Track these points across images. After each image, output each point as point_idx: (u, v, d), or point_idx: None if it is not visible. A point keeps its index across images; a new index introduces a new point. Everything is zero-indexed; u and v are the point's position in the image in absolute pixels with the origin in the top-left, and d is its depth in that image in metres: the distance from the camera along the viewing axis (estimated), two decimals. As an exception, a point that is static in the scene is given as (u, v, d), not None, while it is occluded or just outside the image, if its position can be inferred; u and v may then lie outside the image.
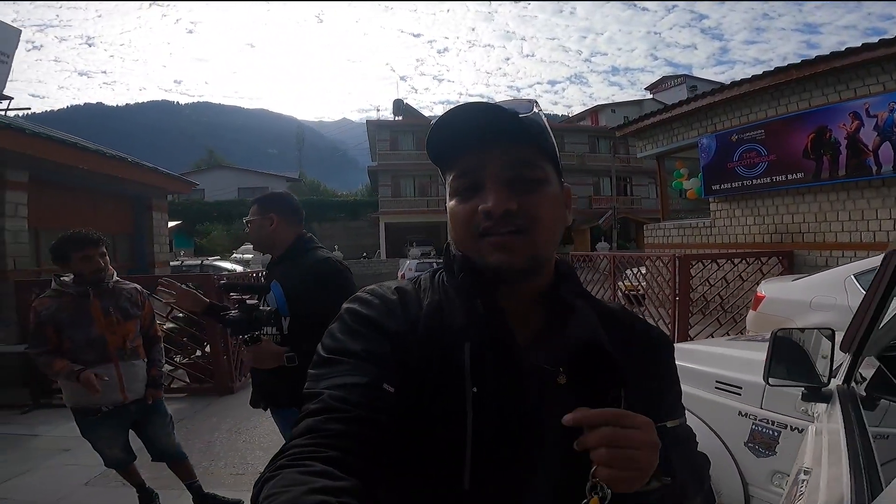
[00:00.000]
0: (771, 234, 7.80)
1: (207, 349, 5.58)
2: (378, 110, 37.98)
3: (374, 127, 29.72)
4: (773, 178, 7.61)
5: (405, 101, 35.04)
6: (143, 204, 8.94)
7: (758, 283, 5.28)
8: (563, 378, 0.59)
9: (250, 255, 21.47)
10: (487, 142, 0.61)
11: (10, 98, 9.10)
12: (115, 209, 8.39)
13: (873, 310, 1.15)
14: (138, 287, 2.71)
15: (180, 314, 5.45)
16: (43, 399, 4.86)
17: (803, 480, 1.01)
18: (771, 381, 1.28)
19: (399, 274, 19.25)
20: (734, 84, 8.06)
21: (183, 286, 2.20)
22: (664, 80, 39.07)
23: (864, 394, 1.27)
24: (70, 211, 7.18)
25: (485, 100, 0.69)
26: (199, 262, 16.71)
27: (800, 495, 0.97)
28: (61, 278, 2.48)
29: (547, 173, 0.63)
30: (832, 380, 1.28)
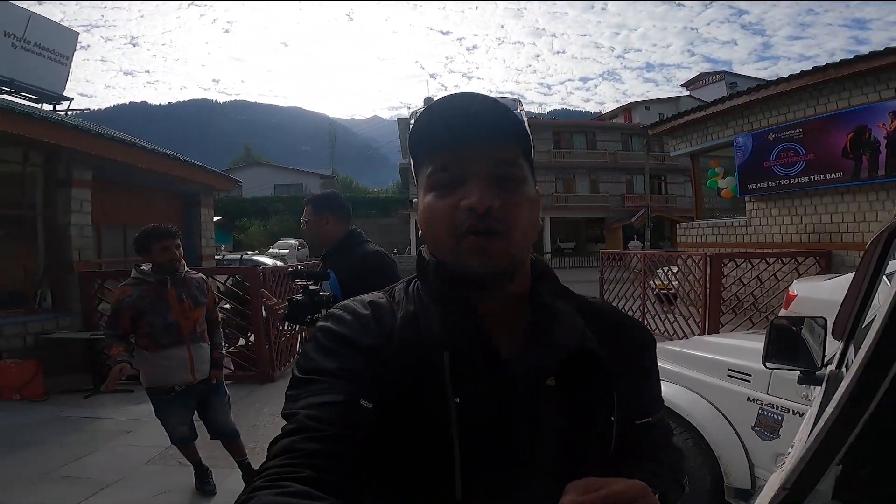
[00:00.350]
0: (808, 234, 7.67)
1: (251, 339, 5.94)
2: (409, 108, 38.26)
3: (405, 125, 30.29)
4: (811, 177, 7.48)
5: (434, 98, 35.42)
6: (191, 201, 9.47)
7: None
8: (551, 381, 0.59)
9: (286, 250, 22.23)
10: (473, 136, 0.59)
11: (70, 99, 9.63)
12: (166, 206, 8.93)
13: (861, 297, 1.29)
14: (203, 277, 3.04)
15: (227, 305, 5.84)
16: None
17: (783, 460, 1.16)
18: (768, 364, 1.44)
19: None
20: (771, 83, 7.93)
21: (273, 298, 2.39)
22: (702, 76, 38.08)
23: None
24: (127, 208, 7.72)
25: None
26: (239, 256, 17.43)
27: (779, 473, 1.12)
28: (141, 267, 2.81)
29: (525, 174, 0.62)
30: (829, 366, 1.43)
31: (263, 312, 5.19)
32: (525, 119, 0.64)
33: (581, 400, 0.58)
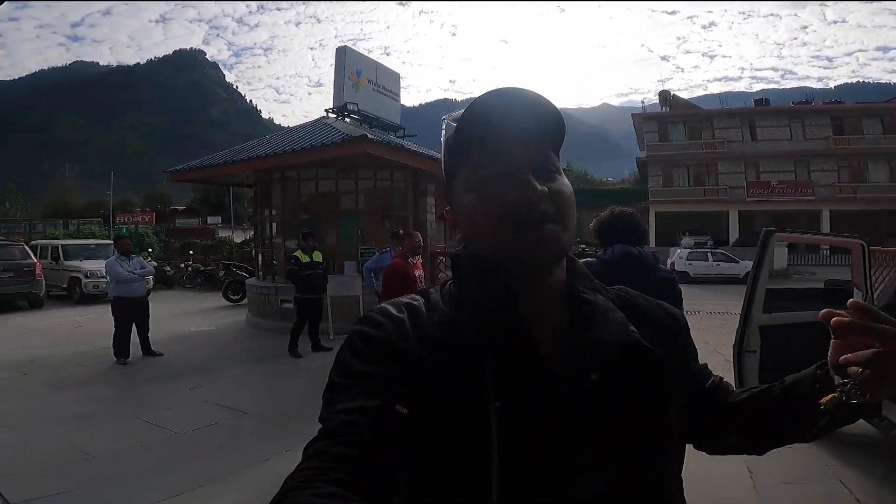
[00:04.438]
0: None
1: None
2: (643, 102, 36.45)
3: (640, 119, 29.80)
4: None
5: (671, 92, 33.43)
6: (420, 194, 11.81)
7: None
8: (595, 375, 0.57)
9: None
10: (515, 129, 0.59)
11: (402, 128, 11.32)
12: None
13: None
14: None
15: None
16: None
17: None
18: None
19: (668, 262, 19.36)
20: None
21: None
22: None
23: None
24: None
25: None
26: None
27: None
28: None
29: (560, 167, 0.63)
30: None
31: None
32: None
33: (631, 392, 0.58)
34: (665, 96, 32.81)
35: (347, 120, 9.98)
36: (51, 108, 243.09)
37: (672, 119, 29.53)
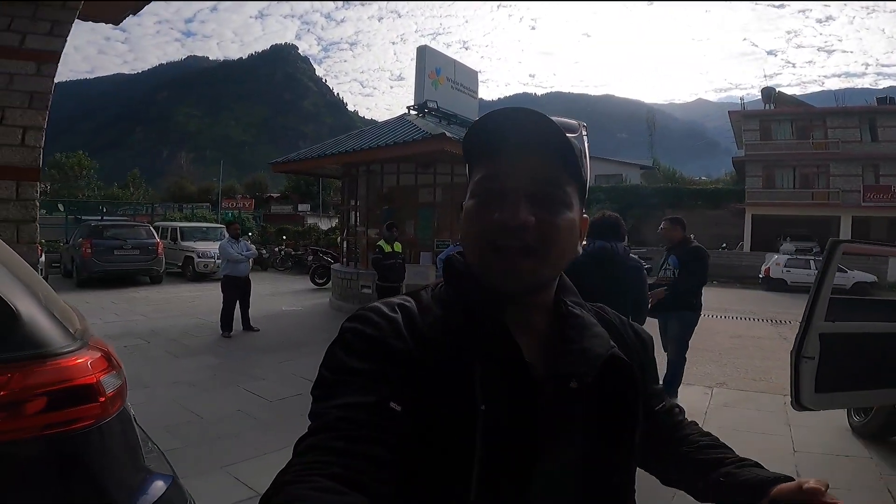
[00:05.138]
0: None
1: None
2: (742, 99, 33.21)
3: (739, 117, 27.45)
4: None
5: (776, 88, 30.43)
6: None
7: None
8: (574, 383, 0.60)
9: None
10: (522, 150, 0.60)
11: None
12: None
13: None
14: None
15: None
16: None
17: None
18: None
19: (763, 268, 17.84)
20: None
21: None
22: None
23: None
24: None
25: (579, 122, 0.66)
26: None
27: None
28: None
29: (571, 199, 0.62)
30: None
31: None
32: (586, 146, 0.64)
33: (607, 403, 0.61)
34: (769, 93, 29.99)
35: (428, 117, 10.31)
36: (169, 100, 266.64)
37: (777, 117, 26.89)
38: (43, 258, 10.32)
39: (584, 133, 0.65)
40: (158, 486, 1.40)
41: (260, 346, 6.59)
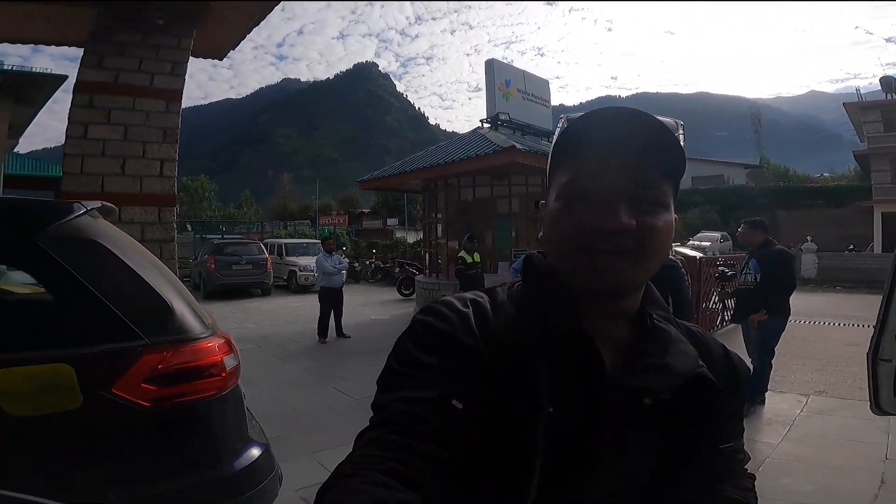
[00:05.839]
0: None
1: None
2: (858, 89, 29.08)
3: (856, 108, 24.46)
4: None
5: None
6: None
7: None
8: (648, 400, 0.56)
9: (707, 243, 22.49)
10: (620, 149, 0.56)
11: (552, 132, 13.18)
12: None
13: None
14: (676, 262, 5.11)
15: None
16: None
17: None
18: None
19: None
20: None
21: None
22: None
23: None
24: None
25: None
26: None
27: None
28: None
29: (669, 200, 0.59)
30: None
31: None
32: (682, 143, 0.60)
33: (684, 425, 0.57)
34: (889, 82, 26.37)
35: (500, 129, 10.51)
36: (270, 122, 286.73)
37: (898, 106, 23.71)
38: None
39: (681, 132, 0.61)
40: (254, 452, 1.80)
41: (350, 351, 7.23)
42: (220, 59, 5.67)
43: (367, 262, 18.98)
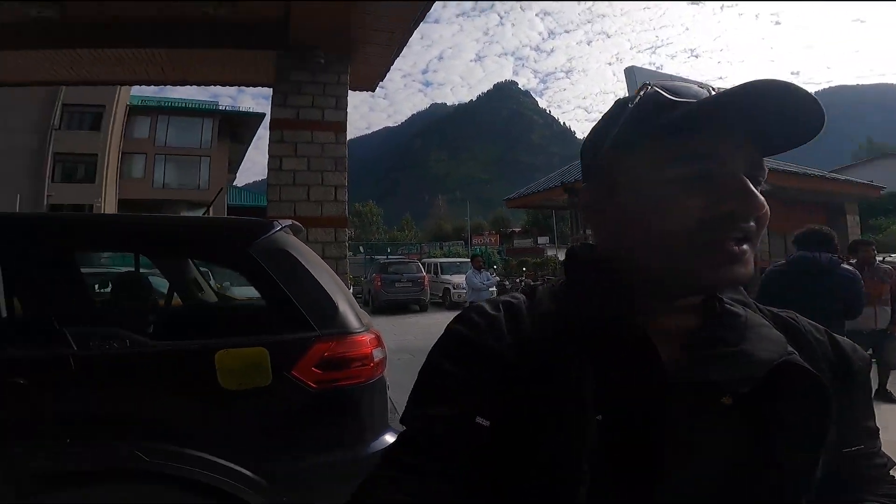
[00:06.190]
0: None
1: None
2: None
3: None
4: None
5: None
6: (835, 209, 10.00)
7: None
8: (727, 399, 0.47)
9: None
10: (762, 129, 0.47)
11: None
12: (811, 215, 9.91)
13: None
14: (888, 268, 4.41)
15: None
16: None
17: None
18: None
19: None
20: None
21: None
22: None
23: None
24: (785, 221, 9.30)
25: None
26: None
27: None
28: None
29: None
30: None
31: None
32: None
33: (774, 429, 0.47)
34: None
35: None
36: (422, 147, 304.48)
37: None
38: (350, 290, 13.73)
39: None
40: (390, 439, 1.98)
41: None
42: (373, 91, 6.25)
43: (517, 280, 19.12)
